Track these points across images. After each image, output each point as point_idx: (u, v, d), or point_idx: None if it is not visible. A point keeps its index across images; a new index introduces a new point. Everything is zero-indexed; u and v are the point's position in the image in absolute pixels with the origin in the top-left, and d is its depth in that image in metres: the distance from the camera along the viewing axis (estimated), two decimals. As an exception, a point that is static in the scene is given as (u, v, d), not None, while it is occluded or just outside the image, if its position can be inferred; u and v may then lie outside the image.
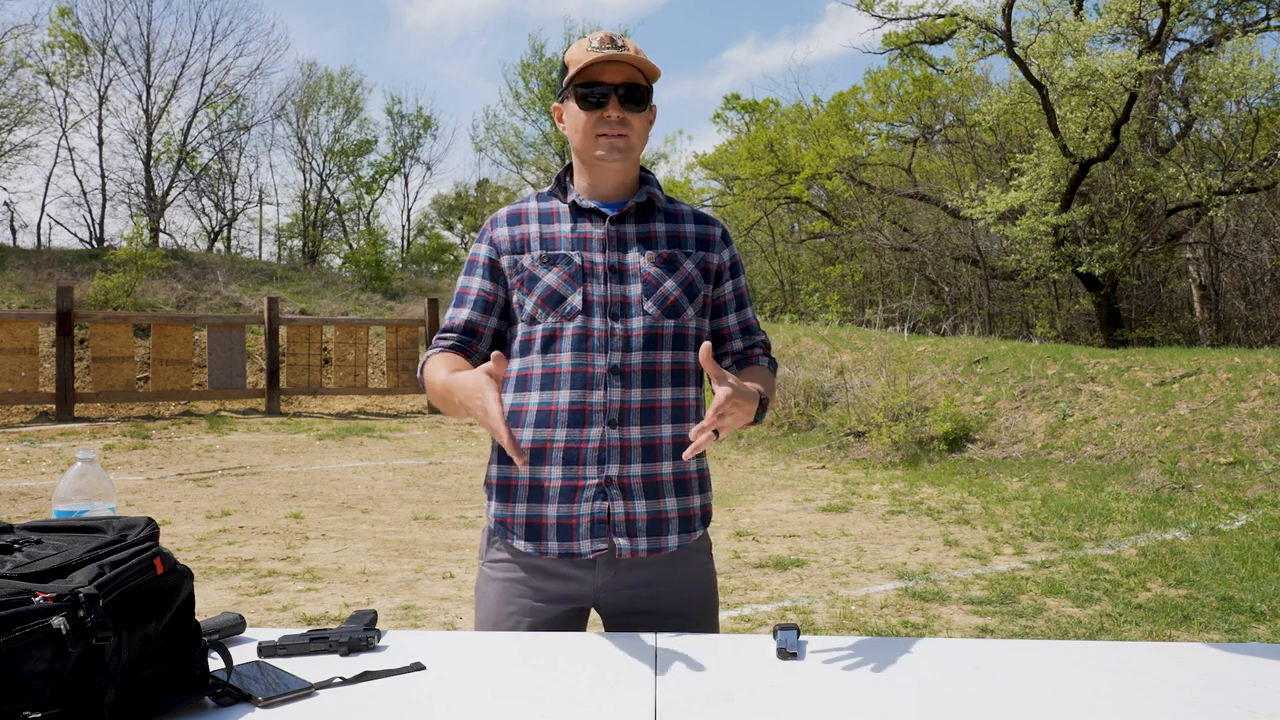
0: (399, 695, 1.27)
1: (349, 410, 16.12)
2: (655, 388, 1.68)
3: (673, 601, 1.70)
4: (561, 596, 1.69)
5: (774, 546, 6.43)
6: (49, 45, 24.30)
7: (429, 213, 39.64)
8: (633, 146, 1.70)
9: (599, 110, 1.67)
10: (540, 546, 1.68)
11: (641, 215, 1.76)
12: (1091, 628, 4.62)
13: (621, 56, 1.64)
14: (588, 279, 1.69)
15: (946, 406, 10.71)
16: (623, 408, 1.66)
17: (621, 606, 1.70)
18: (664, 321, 1.69)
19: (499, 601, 1.72)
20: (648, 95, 1.70)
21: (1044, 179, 15.98)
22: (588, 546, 1.66)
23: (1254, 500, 7.64)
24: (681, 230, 1.77)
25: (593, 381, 1.66)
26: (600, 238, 1.72)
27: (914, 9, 17.43)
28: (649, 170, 1.84)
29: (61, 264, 19.50)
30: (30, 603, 1.04)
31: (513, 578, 1.71)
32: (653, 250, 1.72)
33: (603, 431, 1.65)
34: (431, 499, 8.20)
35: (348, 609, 4.82)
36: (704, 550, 1.78)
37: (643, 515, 1.67)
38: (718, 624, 1.80)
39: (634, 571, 1.69)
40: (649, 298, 1.69)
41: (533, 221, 1.76)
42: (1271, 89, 15.31)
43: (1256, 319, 18.37)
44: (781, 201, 24.50)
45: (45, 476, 9.14)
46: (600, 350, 1.67)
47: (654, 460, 1.67)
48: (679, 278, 1.72)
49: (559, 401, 1.66)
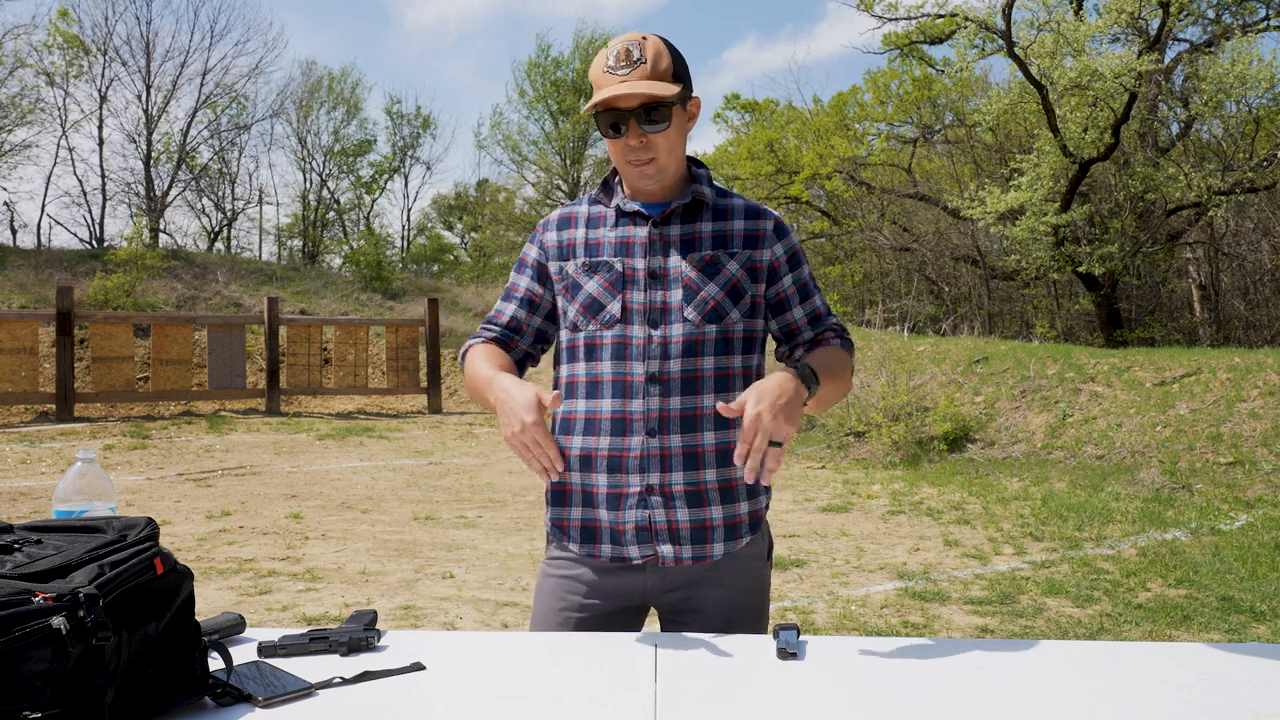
0: (399, 695, 1.27)
1: (349, 410, 16.12)
2: (697, 394, 1.66)
3: (720, 604, 1.70)
4: (615, 594, 1.71)
5: (774, 546, 6.43)
6: (49, 45, 24.32)
7: (429, 213, 39.69)
8: (663, 167, 1.66)
9: (622, 138, 1.63)
10: (594, 549, 1.70)
11: (688, 215, 1.71)
12: (1091, 628, 4.62)
13: (633, 77, 1.59)
14: (628, 286, 1.67)
15: (946, 406, 10.71)
16: (662, 416, 1.65)
17: (673, 605, 1.71)
18: (705, 327, 1.66)
19: (553, 598, 1.73)
20: (671, 108, 1.62)
21: (1044, 179, 15.98)
22: (636, 552, 1.67)
23: (1254, 500, 7.64)
24: (729, 228, 1.71)
25: (632, 390, 1.66)
26: (643, 241, 1.69)
27: (914, 9, 17.44)
28: (699, 163, 1.78)
29: (61, 264, 19.50)
30: (30, 603, 1.04)
31: (569, 575, 1.73)
32: (695, 253, 1.68)
33: (643, 440, 1.65)
34: (431, 499, 8.20)
35: (348, 609, 4.82)
36: (756, 555, 1.75)
37: (686, 523, 1.66)
38: (765, 627, 1.78)
39: (681, 575, 1.69)
40: (689, 304, 1.66)
41: (580, 226, 1.75)
42: (1271, 89, 15.32)
43: (1256, 319, 18.37)
44: (781, 201, 24.50)
45: (45, 476, 9.14)
46: (639, 359, 1.66)
47: (696, 468, 1.65)
48: (721, 280, 1.67)
49: (602, 410, 1.67)
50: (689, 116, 1.69)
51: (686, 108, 1.68)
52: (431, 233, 39.24)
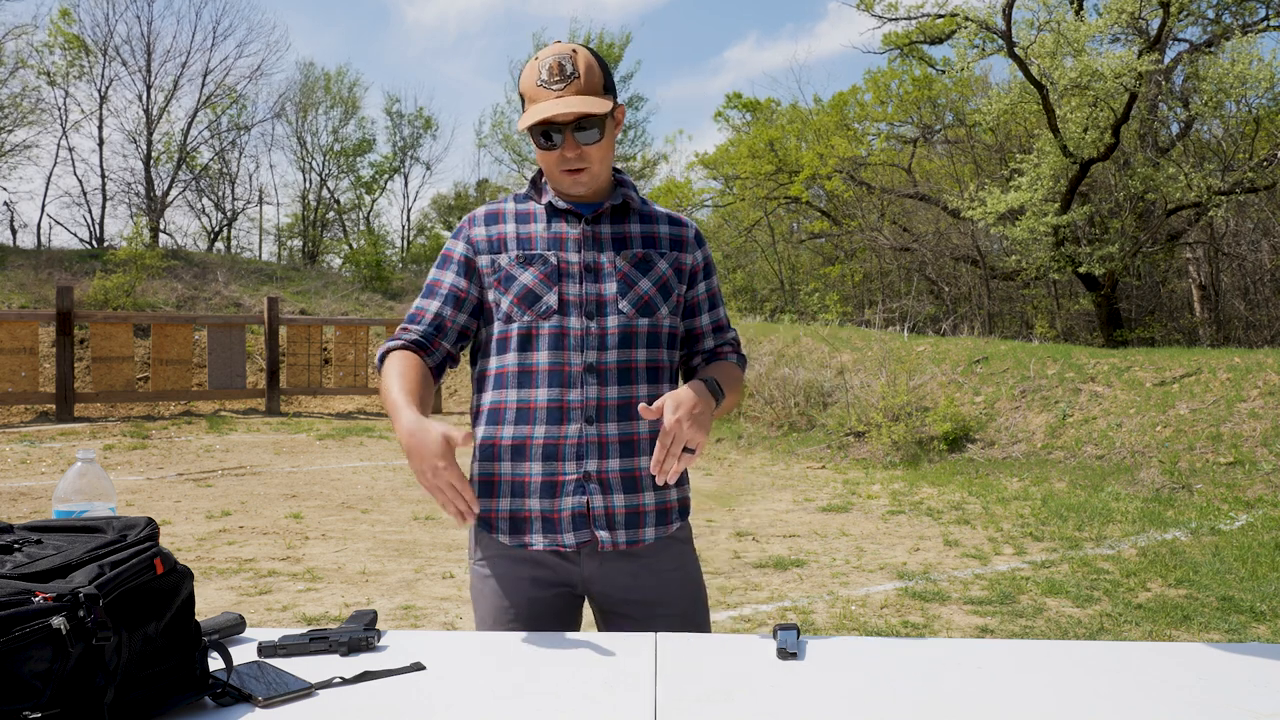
0: (399, 695, 1.27)
1: (349, 410, 16.12)
2: (632, 384, 1.72)
3: (656, 589, 1.74)
4: (551, 585, 1.73)
5: (774, 546, 6.43)
6: (49, 45, 24.31)
7: (429, 213, 39.62)
8: (595, 175, 1.73)
9: (556, 150, 1.69)
10: (524, 540, 1.72)
11: (617, 216, 1.79)
12: (1091, 628, 4.62)
13: (568, 93, 1.64)
14: (563, 278, 1.72)
15: (946, 406, 10.71)
16: (600, 404, 1.70)
17: (609, 595, 1.74)
18: (638, 320, 1.73)
19: (494, 597, 1.74)
20: (603, 121, 1.68)
21: (1044, 179, 15.98)
22: (571, 539, 1.70)
23: (1254, 500, 7.64)
24: (656, 231, 1.80)
25: (570, 379, 1.70)
26: (576, 238, 1.75)
27: (914, 9, 17.43)
28: (623, 173, 1.87)
29: (61, 264, 19.50)
30: (30, 603, 1.04)
31: (503, 572, 1.74)
32: (627, 250, 1.76)
33: (580, 428, 1.69)
34: (431, 499, 8.19)
35: (348, 609, 4.82)
36: (684, 539, 1.82)
37: (621, 509, 1.70)
38: (707, 611, 1.83)
39: (616, 561, 1.73)
40: (624, 297, 1.73)
41: (509, 221, 1.79)
42: (1271, 89, 15.31)
43: (1256, 319, 18.37)
44: (781, 201, 24.50)
45: (45, 476, 9.14)
46: (577, 349, 1.71)
47: (632, 455, 1.71)
48: (653, 277, 1.76)
49: (537, 399, 1.70)
50: (616, 124, 1.76)
51: (614, 116, 1.74)
52: (431, 233, 39.19)
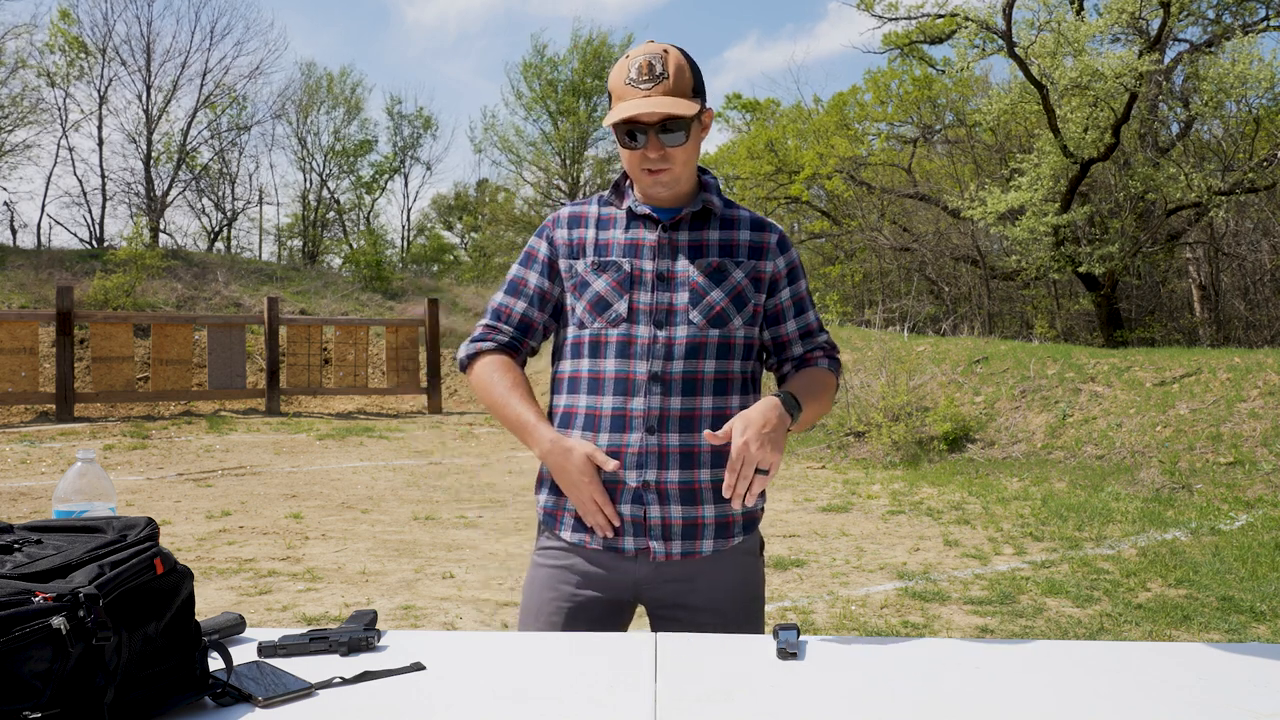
0: (399, 695, 1.27)
1: (349, 410, 16.12)
2: (696, 396, 1.70)
3: (712, 599, 1.71)
4: (606, 587, 1.72)
5: (774, 546, 6.43)
6: (49, 46, 24.31)
7: (429, 213, 39.66)
8: (678, 177, 1.71)
9: (640, 150, 1.67)
10: (586, 538, 1.72)
11: (696, 222, 1.77)
12: (1091, 628, 4.62)
13: (656, 93, 1.63)
14: (635, 286, 1.72)
15: (946, 406, 10.71)
16: (662, 414, 1.68)
17: (663, 600, 1.72)
18: (709, 331, 1.71)
19: (543, 588, 1.75)
20: (689, 123, 1.67)
21: (1044, 179, 15.97)
22: (631, 543, 1.70)
23: (1254, 500, 7.64)
24: (735, 238, 1.77)
25: (634, 388, 1.69)
26: (652, 244, 1.74)
27: (914, 9, 17.43)
28: (709, 173, 1.83)
29: (61, 264, 19.50)
30: (30, 603, 1.04)
31: (559, 564, 1.75)
32: (703, 259, 1.73)
33: (642, 437, 1.68)
34: (431, 499, 8.20)
35: (348, 609, 4.82)
36: (749, 551, 1.77)
37: (678, 520, 1.69)
38: (762, 623, 1.79)
39: (672, 568, 1.71)
40: (695, 307, 1.71)
41: (590, 226, 1.79)
42: (1271, 89, 15.31)
43: (1256, 319, 18.37)
44: (781, 201, 24.49)
45: (45, 476, 9.14)
46: (643, 357, 1.69)
47: (692, 467, 1.69)
48: (727, 287, 1.73)
49: (603, 406, 1.70)
50: (703, 128, 1.74)
51: (701, 119, 1.73)
52: (431, 233, 39.23)
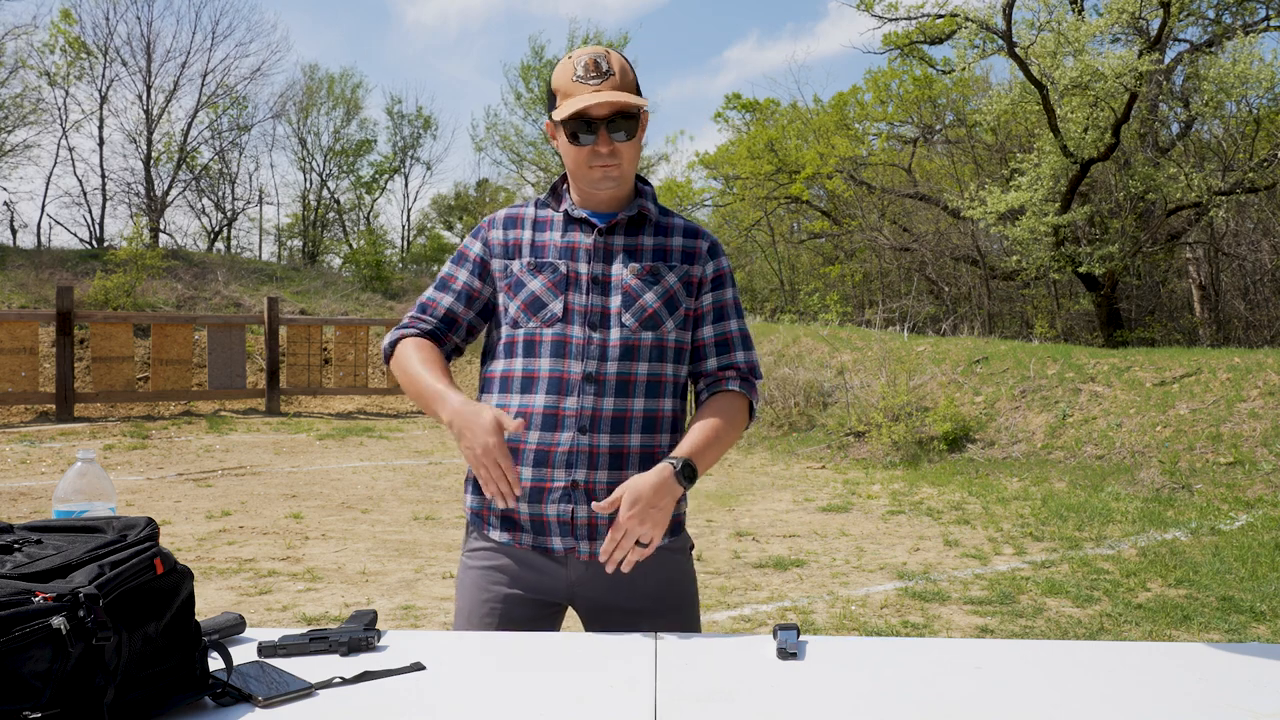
0: (399, 695, 1.27)
1: (349, 410, 16.12)
2: (629, 397, 1.71)
3: (645, 598, 1.72)
4: (537, 588, 1.72)
5: (774, 546, 6.43)
6: (50, 46, 24.31)
7: (429, 213, 39.60)
8: (626, 174, 1.75)
9: (590, 145, 1.69)
10: (515, 537, 1.72)
11: (632, 228, 1.79)
12: (1091, 628, 4.62)
13: (605, 88, 1.65)
14: (570, 288, 1.73)
15: (946, 406, 10.71)
16: (595, 415, 1.69)
17: (596, 602, 1.72)
18: (641, 333, 1.73)
19: (475, 590, 1.75)
20: (636, 119, 1.70)
21: (1044, 179, 15.98)
22: (559, 543, 1.70)
23: (1254, 500, 7.64)
24: (669, 244, 1.80)
25: (568, 387, 1.70)
26: (588, 248, 1.76)
27: (914, 9, 17.43)
28: (646, 181, 1.86)
29: (61, 264, 19.50)
30: (30, 603, 1.04)
31: (490, 565, 1.74)
32: (636, 263, 1.76)
33: (573, 436, 1.69)
34: (431, 499, 8.20)
35: (348, 609, 4.82)
36: (676, 549, 1.78)
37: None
38: (698, 623, 1.80)
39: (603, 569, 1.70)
40: (628, 310, 1.73)
41: (527, 228, 1.80)
42: (1272, 89, 15.32)
43: (1256, 319, 18.36)
44: (782, 201, 24.50)
45: (45, 476, 9.14)
46: (577, 358, 1.71)
47: (620, 468, 1.70)
48: (659, 290, 1.75)
49: (535, 405, 1.71)
50: (641, 129, 1.76)
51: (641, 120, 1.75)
52: (431, 233, 39.20)
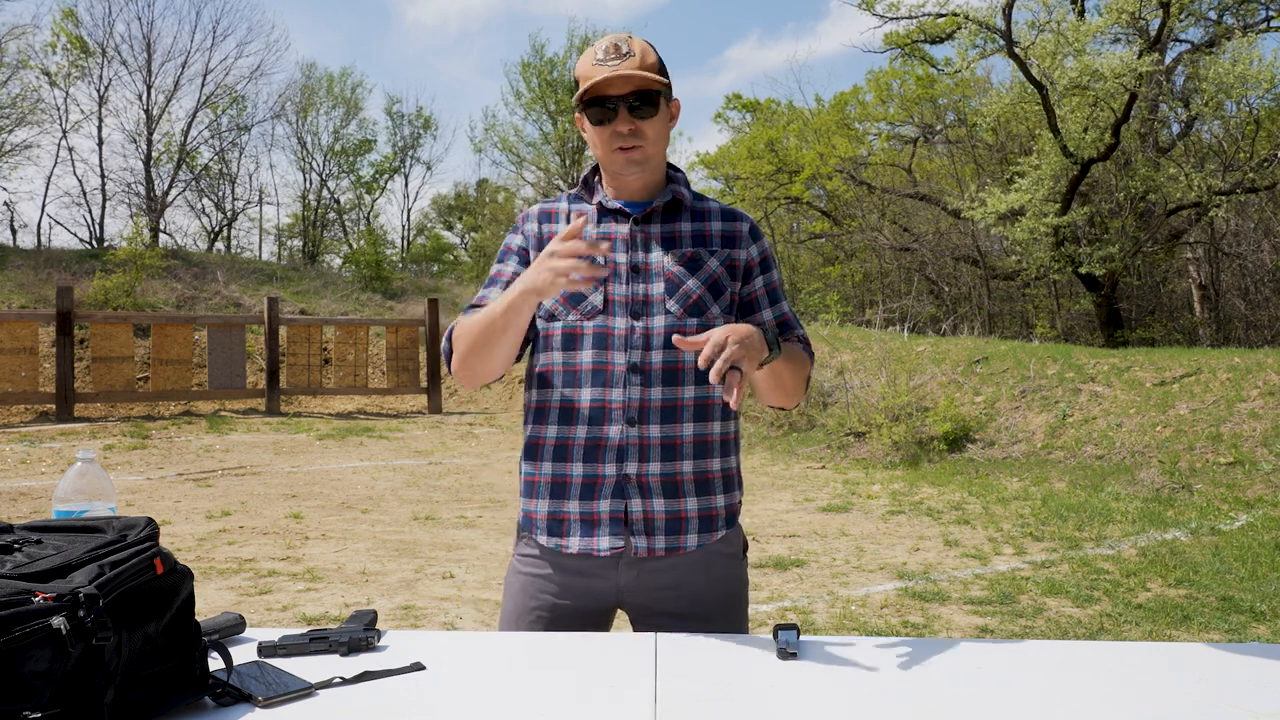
0: (399, 695, 1.27)
1: (349, 410, 16.12)
2: (678, 386, 1.67)
3: (697, 604, 1.68)
4: (585, 594, 1.69)
5: (774, 546, 6.43)
6: (52, 46, 24.32)
7: (429, 213, 39.68)
8: (649, 155, 1.69)
9: (610, 125, 1.66)
10: (562, 543, 1.68)
11: (667, 214, 1.76)
12: (1091, 628, 4.62)
13: (624, 67, 1.62)
14: (610, 279, 1.70)
15: (946, 406, 10.71)
16: (642, 405, 1.66)
17: (646, 607, 1.69)
18: (687, 320, 1.68)
19: (522, 596, 1.72)
20: (660, 98, 1.66)
21: (1044, 179, 15.98)
22: (605, 544, 1.66)
23: (1254, 500, 7.64)
24: (707, 228, 1.76)
25: (612, 379, 1.67)
26: (624, 237, 1.72)
27: (915, 8, 17.43)
28: (677, 168, 1.82)
29: (61, 264, 19.50)
30: (30, 603, 1.04)
31: (538, 573, 1.71)
32: (676, 249, 1.72)
33: (622, 429, 1.65)
34: (431, 499, 8.20)
35: (348, 609, 4.82)
36: (731, 554, 1.74)
37: (661, 514, 1.66)
38: (746, 628, 1.76)
39: (656, 573, 1.67)
40: (671, 296, 1.69)
41: (561, 221, 1.77)
42: (1272, 89, 15.32)
43: (1256, 319, 18.37)
44: (782, 201, 24.50)
45: (45, 476, 9.14)
46: (620, 348, 1.67)
47: (674, 459, 1.66)
48: (703, 275, 1.71)
49: (580, 399, 1.67)
50: (671, 116, 1.73)
51: (669, 106, 1.72)
52: (431, 233, 39.24)
